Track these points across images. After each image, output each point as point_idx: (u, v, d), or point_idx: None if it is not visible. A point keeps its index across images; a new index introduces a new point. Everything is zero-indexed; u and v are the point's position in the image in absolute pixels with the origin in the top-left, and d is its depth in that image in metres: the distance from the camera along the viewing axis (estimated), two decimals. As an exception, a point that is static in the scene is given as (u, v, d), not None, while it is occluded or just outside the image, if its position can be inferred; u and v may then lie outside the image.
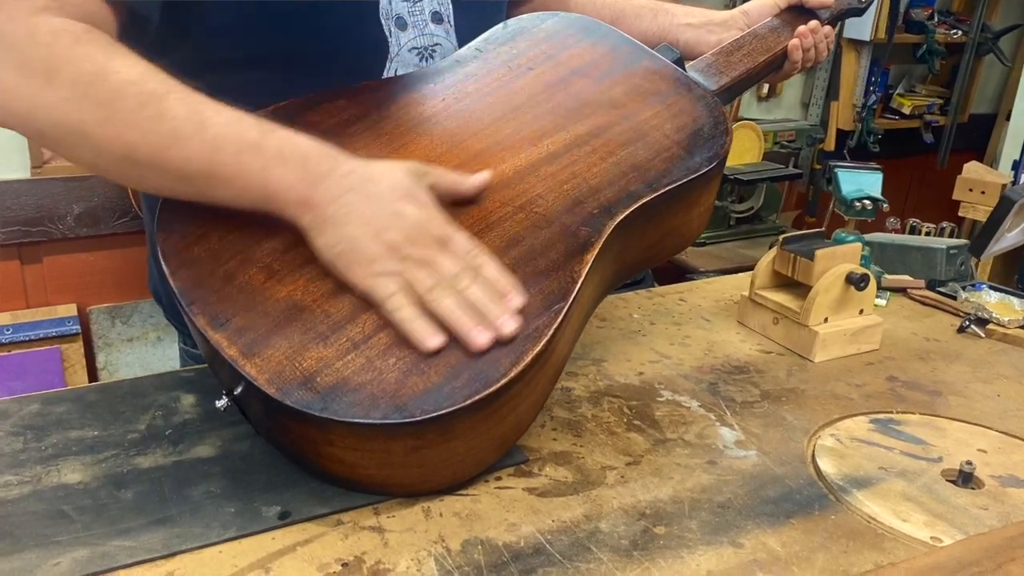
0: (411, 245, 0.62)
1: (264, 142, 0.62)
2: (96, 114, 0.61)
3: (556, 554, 0.59)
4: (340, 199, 0.62)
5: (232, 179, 0.62)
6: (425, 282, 0.62)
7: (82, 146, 0.63)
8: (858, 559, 0.60)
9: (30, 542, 0.58)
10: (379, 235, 0.62)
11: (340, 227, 0.62)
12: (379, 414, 0.57)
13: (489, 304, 0.62)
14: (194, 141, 0.61)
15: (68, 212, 2.04)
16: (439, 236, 0.63)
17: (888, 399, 0.84)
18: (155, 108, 0.61)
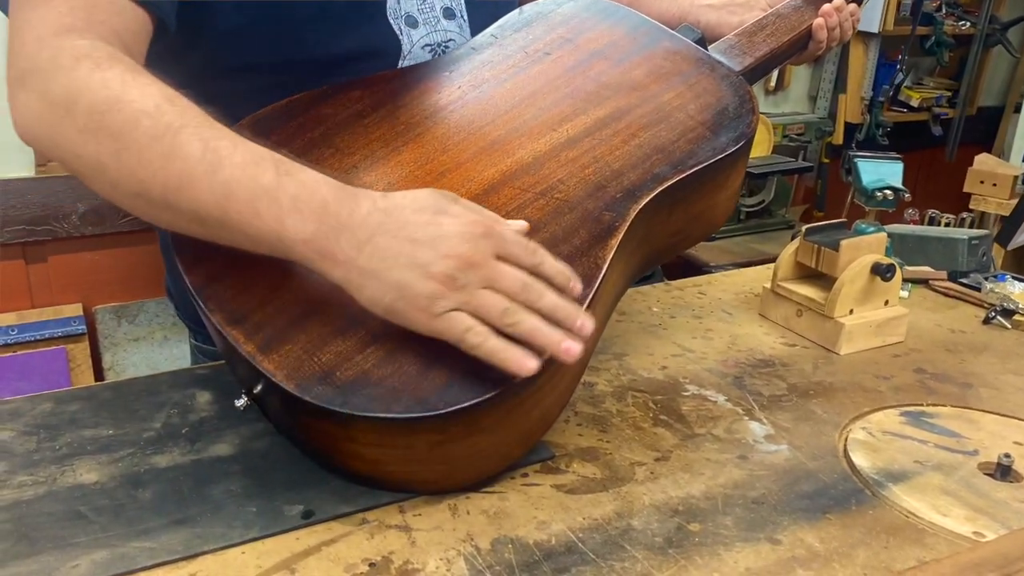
0: (468, 269, 0.56)
1: (279, 188, 0.57)
2: (109, 146, 0.57)
3: (589, 552, 0.57)
4: (368, 245, 0.56)
5: (245, 227, 0.57)
6: (496, 307, 0.56)
7: (100, 179, 0.60)
8: (900, 555, 0.58)
9: (47, 544, 0.56)
10: (428, 271, 0.55)
11: (382, 276, 0.56)
12: (401, 408, 0.56)
13: (564, 308, 0.58)
14: (205, 183, 0.57)
15: (73, 211, 2.02)
16: (490, 245, 0.57)
17: (918, 391, 0.82)
18: (169, 144, 0.57)
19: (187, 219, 0.59)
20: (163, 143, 0.57)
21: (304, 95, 0.72)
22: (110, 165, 0.58)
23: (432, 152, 0.71)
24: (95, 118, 0.58)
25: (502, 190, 0.68)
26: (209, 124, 0.59)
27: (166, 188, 0.57)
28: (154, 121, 0.58)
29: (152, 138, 0.57)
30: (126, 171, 0.58)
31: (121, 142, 0.57)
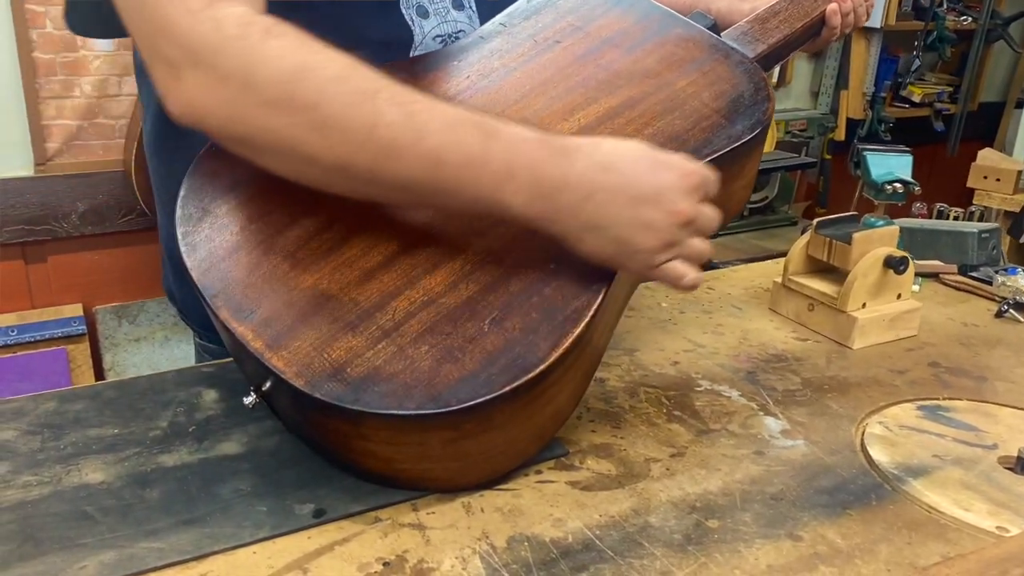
0: (686, 226, 0.60)
1: (489, 154, 0.56)
2: (303, 118, 0.54)
3: (607, 550, 0.56)
4: (590, 203, 0.57)
5: (459, 192, 0.57)
6: (704, 253, 0.62)
7: (292, 155, 0.56)
8: (923, 551, 0.57)
9: (53, 545, 0.55)
10: (651, 230, 0.58)
11: (602, 232, 0.58)
12: (413, 404, 0.55)
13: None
14: (412, 152, 0.55)
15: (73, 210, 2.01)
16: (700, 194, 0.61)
17: (933, 385, 0.81)
18: (369, 112, 0.55)
19: (389, 188, 0.57)
20: (362, 111, 0.55)
21: None
22: (306, 138, 0.55)
23: None
24: (282, 89, 0.54)
25: None
26: (396, 86, 0.57)
27: (374, 159, 0.55)
28: (347, 88, 0.55)
29: (349, 106, 0.55)
30: (327, 144, 0.55)
31: (317, 112, 0.54)
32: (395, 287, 0.60)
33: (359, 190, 0.59)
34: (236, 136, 0.58)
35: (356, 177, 0.57)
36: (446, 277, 0.61)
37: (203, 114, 0.56)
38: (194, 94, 0.56)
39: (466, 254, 0.62)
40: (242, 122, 0.56)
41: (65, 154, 1.99)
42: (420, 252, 0.62)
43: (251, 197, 0.64)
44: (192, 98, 0.56)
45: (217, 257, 0.60)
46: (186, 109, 0.57)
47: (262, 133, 0.56)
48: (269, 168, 0.59)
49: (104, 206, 2.04)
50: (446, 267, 0.61)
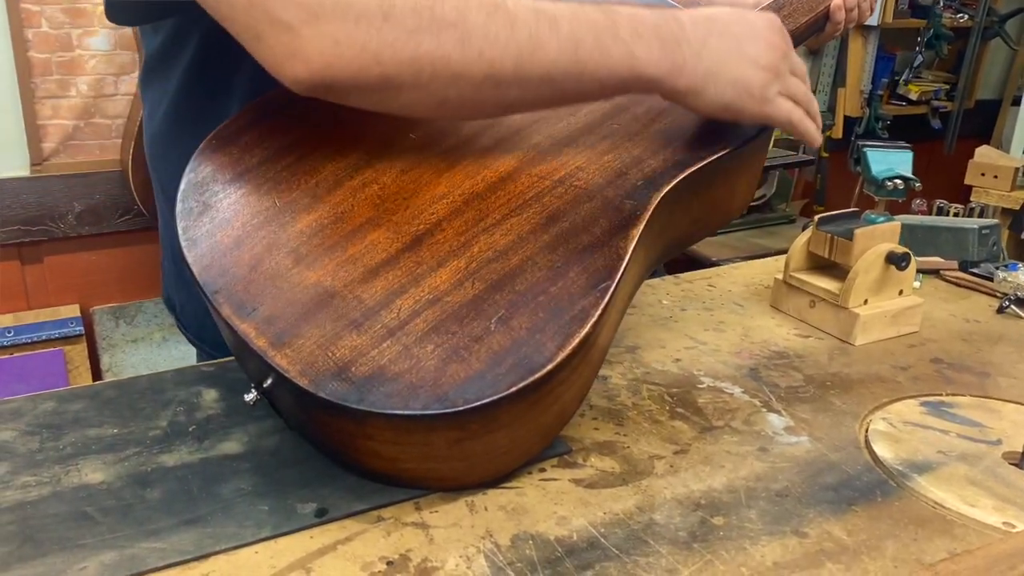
0: (784, 58, 0.67)
1: (615, 24, 0.61)
2: (451, 35, 0.56)
3: (612, 548, 0.56)
4: (705, 49, 0.64)
5: (598, 69, 0.61)
6: (801, 88, 0.69)
7: (438, 79, 0.57)
8: (930, 547, 0.57)
9: (53, 546, 0.55)
10: (759, 62, 0.65)
11: (720, 76, 0.64)
12: (419, 404, 0.54)
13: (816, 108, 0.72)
14: (554, 42, 0.59)
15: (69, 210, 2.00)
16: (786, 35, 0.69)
17: (936, 381, 0.81)
18: (504, 15, 0.57)
19: (536, 85, 0.60)
20: (500, 16, 0.57)
21: None
22: (454, 55, 0.56)
23: (446, 138, 0.69)
24: (424, 13, 0.55)
25: (519, 178, 0.67)
26: None
27: (519, 58, 0.58)
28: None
29: (488, 15, 0.57)
30: (473, 55, 0.57)
31: (462, 27, 0.56)
32: (400, 285, 0.59)
33: (505, 97, 0.61)
34: (378, 78, 0.56)
35: (503, 81, 0.59)
36: (452, 275, 0.60)
37: (340, 65, 0.55)
38: (325, 47, 0.54)
39: (471, 252, 0.62)
40: (387, 60, 0.55)
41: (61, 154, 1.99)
42: (425, 250, 0.61)
43: (253, 192, 0.63)
44: (324, 52, 0.54)
45: (218, 252, 0.60)
46: (318, 68, 0.55)
47: (409, 64, 0.56)
48: (408, 107, 0.60)
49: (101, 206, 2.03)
50: (451, 265, 0.61)
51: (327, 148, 0.66)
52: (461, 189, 0.65)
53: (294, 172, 0.65)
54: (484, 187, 0.65)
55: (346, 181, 0.65)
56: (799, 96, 0.69)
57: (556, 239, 0.63)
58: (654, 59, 0.62)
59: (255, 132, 0.65)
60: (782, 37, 0.68)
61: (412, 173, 0.66)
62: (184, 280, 0.90)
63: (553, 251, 0.62)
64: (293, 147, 0.66)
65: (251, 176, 0.64)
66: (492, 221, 0.63)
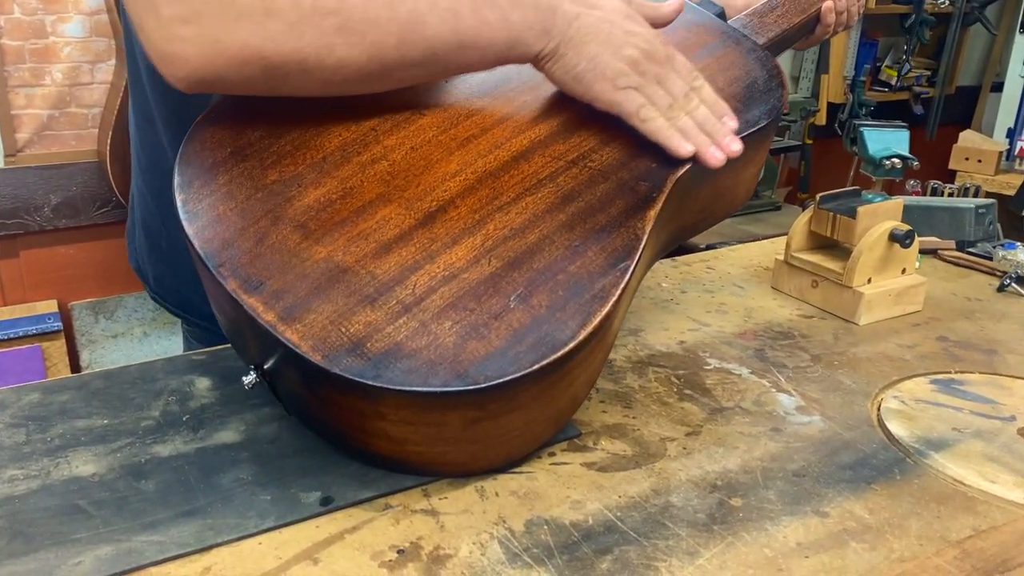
0: (648, 61, 0.65)
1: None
2: (332, 23, 0.56)
3: (630, 531, 0.54)
4: (576, 21, 0.64)
5: (477, 38, 0.62)
6: (663, 99, 0.66)
7: (323, 65, 0.58)
8: (954, 524, 0.55)
9: (45, 541, 0.52)
10: (619, 51, 0.64)
11: (580, 47, 0.64)
12: (439, 381, 0.52)
13: (715, 125, 0.67)
14: (434, 16, 0.59)
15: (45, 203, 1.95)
16: (666, 53, 0.67)
17: (943, 359, 0.80)
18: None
19: (419, 61, 0.61)
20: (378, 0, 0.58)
21: None
22: (337, 42, 0.57)
23: (455, 117, 0.67)
24: (305, 4, 0.55)
25: (532, 158, 0.65)
26: None
27: (401, 37, 0.59)
28: None
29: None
30: (356, 39, 0.57)
31: (344, 13, 0.57)
32: (414, 261, 0.57)
33: (391, 74, 0.61)
34: (262, 71, 0.57)
35: (387, 60, 0.60)
36: (467, 252, 0.58)
37: (221, 63, 0.55)
38: (206, 46, 0.54)
39: (487, 229, 0.59)
40: (270, 53, 0.56)
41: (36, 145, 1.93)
42: (438, 226, 0.59)
43: (257, 165, 0.60)
44: (204, 51, 0.54)
45: (222, 226, 0.57)
46: (198, 66, 0.55)
47: (293, 55, 0.56)
48: (296, 91, 0.60)
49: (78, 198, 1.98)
50: (466, 242, 0.58)
51: (333, 123, 0.64)
52: (474, 167, 0.63)
53: (298, 147, 0.62)
54: (497, 166, 0.64)
55: (354, 157, 0.62)
56: (659, 103, 0.66)
57: (573, 218, 0.61)
58: (527, 24, 0.63)
59: (257, 105, 0.63)
60: (657, 48, 0.66)
61: (422, 150, 0.64)
62: (160, 252, 0.86)
63: (571, 230, 0.60)
64: (297, 121, 0.63)
65: (253, 149, 0.61)
66: (507, 199, 0.61)
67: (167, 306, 0.91)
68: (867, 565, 0.51)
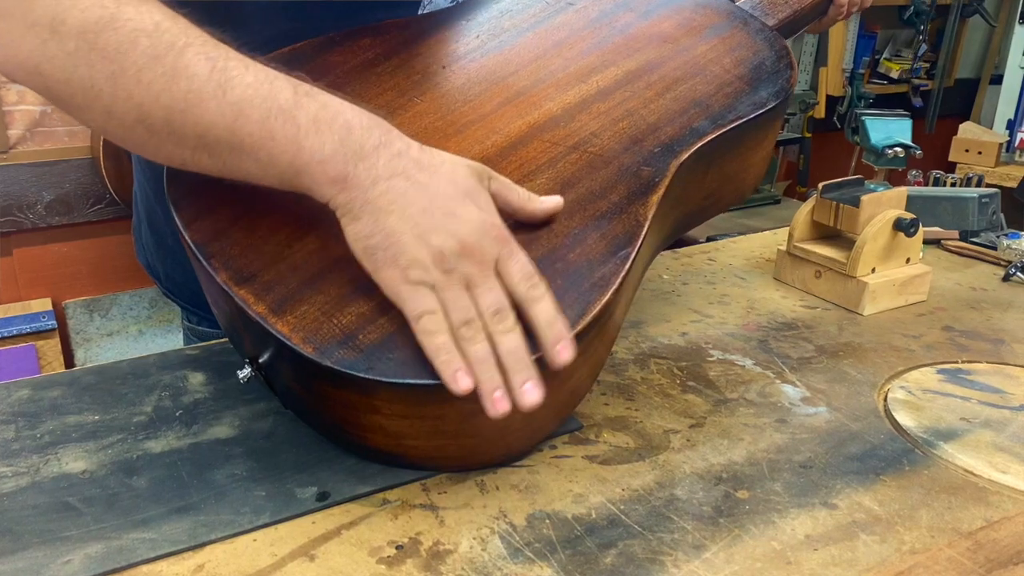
0: (460, 258, 0.51)
1: (298, 108, 0.52)
2: (104, 69, 0.51)
3: (634, 525, 0.53)
4: (385, 183, 0.52)
5: (257, 149, 0.52)
6: (462, 312, 0.51)
7: (92, 107, 0.53)
8: (965, 515, 0.54)
9: (33, 539, 0.50)
10: (425, 237, 0.51)
11: (379, 216, 0.52)
12: (433, 373, 0.50)
13: (522, 362, 0.52)
14: (214, 105, 0.52)
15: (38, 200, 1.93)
16: (495, 254, 0.52)
17: (950, 349, 0.79)
18: (171, 63, 0.51)
19: (192, 147, 0.53)
20: (165, 63, 0.51)
21: (308, 43, 0.66)
22: (104, 90, 0.52)
23: (453, 103, 0.65)
24: (87, 39, 0.51)
25: (531, 143, 0.63)
26: (215, 44, 0.53)
27: (170, 111, 0.52)
28: (154, 40, 0.51)
29: (152, 58, 0.51)
30: (123, 95, 0.52)
31: (117, 64, 0.51)
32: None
33: (162, 148, 0.55)
34: (43, 88, 0.54)
35: (154, 130, 0.53)
36: None
37: (11, 66, 0.53)
38: (4, 43, 0.52)
39: None
40: (46, 73, 0.52)
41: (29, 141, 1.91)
42: None
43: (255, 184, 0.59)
44: (4, 47, 0.52)
45: (212, 217, 0.56)
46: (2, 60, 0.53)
47: (64, 85, 0.52)
48: (82, 123, 0.56)
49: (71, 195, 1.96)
50: None
51: None
52: (471, 154, 0.61)
53: None
54: (494, 152, 0.62)
55: None
56: (453, 314, 0.51)
57: (573, 205, 0.59)
58: (319, 158, 0.52)
59: None
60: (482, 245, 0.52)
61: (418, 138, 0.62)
62: (167, 248, 0.85)
63: (570, 217, 0.58)
64: None
65: None
66: None
67: (179, 302, 0.90)
68: (878, 557, 0.50)
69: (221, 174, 0.54)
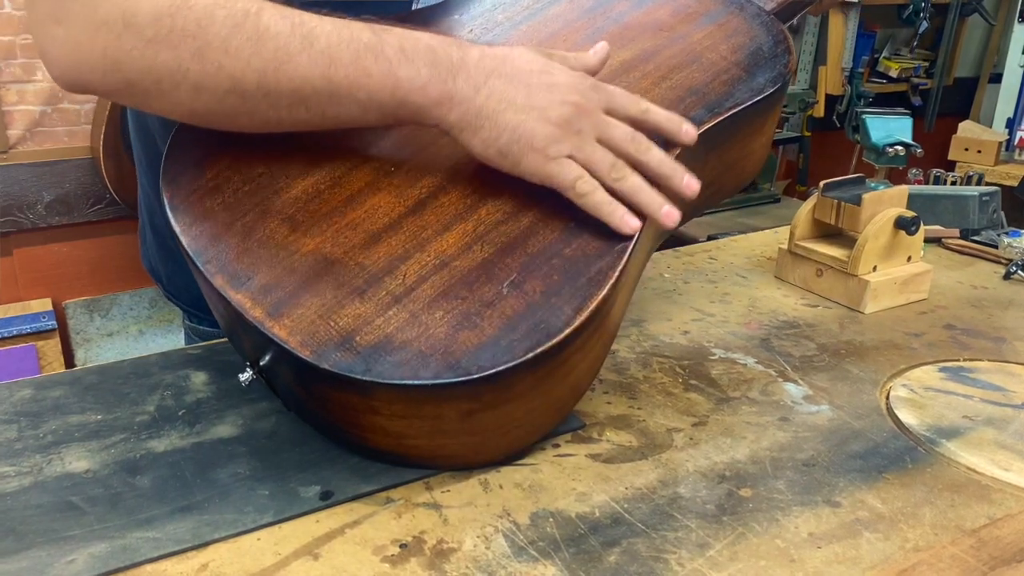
0: (580, 117, 0.57)
1: (382, 43, 0.55)
2: (189, 47, 0.53)
3: (638, 523, 0.53)
4: (485, 87, 0.56)
5: (356, 90, 0.55)
6: (605, 159, 0.58)
7: (179, 89, 0.54)
8: (968, 513, 0.54)
9: (37, 538, 0.50)
10: (545, 114, 0.56)
11: (497, 117, 0.56)
12: (430, 373, 0.50)
13: (669, 164, 0.59)
14: (304, 57, 0.54)
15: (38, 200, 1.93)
16: (599, 97, 0.59)
17: (951, 347, 0.79)
18: (252, 28, 0.53)
19: (288, 102, 0.55)
20: (247, 28, 0.53)
21: None
22: (192, 68, 0.53)
23: None
24: (165, 23, 0.52)
25: None
26: (283, 5, 0.55)
27: (263, 73, 0.54)
28: (229, 10, 0.53)
29: (234, 27, 0.53)
30: (212, 68, 0.53)
31: (201, 39, 0.53)
32: (404, 250, 0.55)
33: (257, 110, 0.56)
34: (122, 84, 0.54)
35: (248, 95, 0.55)
36: (459, 239, 0.56)
37: (84, 70, 0.53)
38: (69, 49, 0.53)
39: (479, 214, 0.58)
40: (126, 67, 0.53)
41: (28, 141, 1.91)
42: (428, 213, 0.58)
43: (243, 157, 0.59)
44: (69, 55, 0.53)
45: (209, 221, 0.56)
46: (66, 68, 0.54)
47: (147, 74, 0.54)
48: (163, 112, 0.57)
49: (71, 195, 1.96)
50: (458, 228, 0.57)
51: None
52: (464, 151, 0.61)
53: (288, 136, 0.60)
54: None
55: (344, 144, 0.61)
56: (598, 166, 0.58)
57: (568, 198, 0.59)
58: (419, 84, 0.55)
59: None
60: (587, 97, 0.58)
61: (413, 134, 0.62)
62: (169, 250, 0.85)
63: (566, 211, 0.58)
64: None
65: (240, 142, 0.59)
66: (500, 182, 0.59)
67: (181, 305, 0.90)
68: (881, 555, 0.50)
69: (321, 126, 0.57)
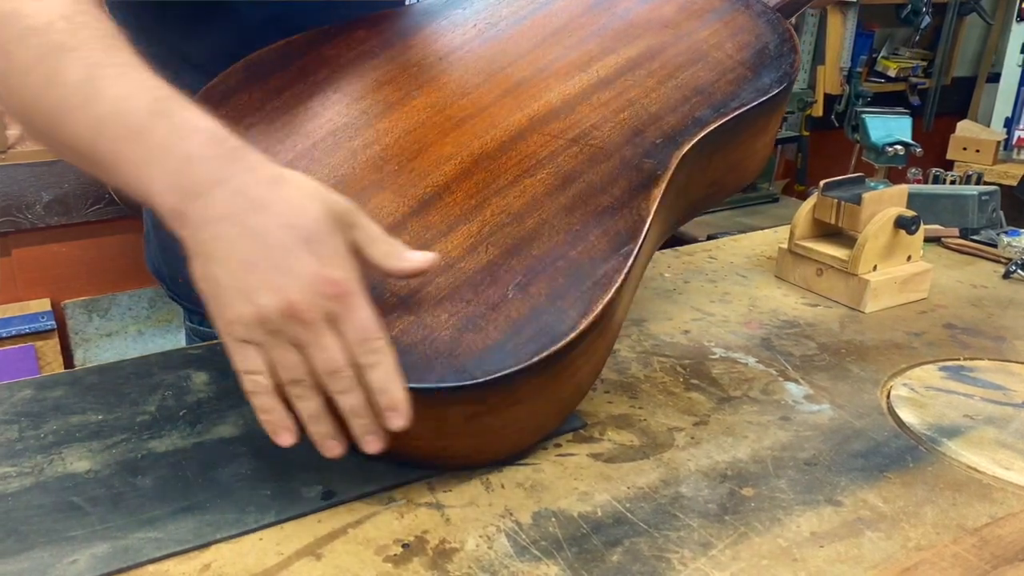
0: (286, 319, 0.46)
1: (147, 133, 0.48)
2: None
3: (640, 523, 0.53)
4: (213, 227, 0.47)
5: (110, 170, 0.49)
6: (289, 372, 0.48)
7: None
8: (970, 511, 0.54)
9: (39, 539, 0.50)
10: (248, 294, 0.46)
11: (207, 263, 0.47)
12: (435, 377, 0.50)
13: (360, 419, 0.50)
14: (80, 117, 0.49)
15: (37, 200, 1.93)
16: (330, 311, 0.47)
17: (951, 346, 0.79)
18: (51, 68, 0.49)
19: (68, 155, 0.52)
20: (46, 66, 0.50)
21: (301, 36, 0.65)
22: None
23: (451, 96, 0.65)
24: None
25: (531, 137, 0.63)
26: (105, 47, 0.51)
27: (47, 117, 0.50)
28: (42, 40, 0.50)
29: (37, 59, 0.50)
30: (10, 92, 0.51)
31: (8, 61, 0.50)
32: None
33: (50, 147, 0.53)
34: None
35: (38, 133, 0.52)
36: (463, 240, 0.56)
37: None
38: None
39: (483, 215, 0.58)
40: None
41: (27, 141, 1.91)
42: (433, 213, 0.58)
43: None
44: None
45: None
46: None
47: None
48: None
49: (70, 195, 1.96)
50: (462, 230, 0.57)
51: (323, 109, 0.62)
52: (470, 149, 0.61)
53: (287, 134, 0.60)
54: (494, 147, 0.62)
55: (345, 143, 0.61)
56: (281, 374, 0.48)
57: (573, 201, 0.59)
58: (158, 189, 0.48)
59: (244, 94, 0.61)
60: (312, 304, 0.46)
61: (415, 133, 0.62)
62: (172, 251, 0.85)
63: (571, 213, 0.58)
64: (286, 109, 0.62)
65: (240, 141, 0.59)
66: (504, 183, 0.60)
67: (185, 305, 0.89)
68: (883, 554, 0.50)
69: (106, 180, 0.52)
